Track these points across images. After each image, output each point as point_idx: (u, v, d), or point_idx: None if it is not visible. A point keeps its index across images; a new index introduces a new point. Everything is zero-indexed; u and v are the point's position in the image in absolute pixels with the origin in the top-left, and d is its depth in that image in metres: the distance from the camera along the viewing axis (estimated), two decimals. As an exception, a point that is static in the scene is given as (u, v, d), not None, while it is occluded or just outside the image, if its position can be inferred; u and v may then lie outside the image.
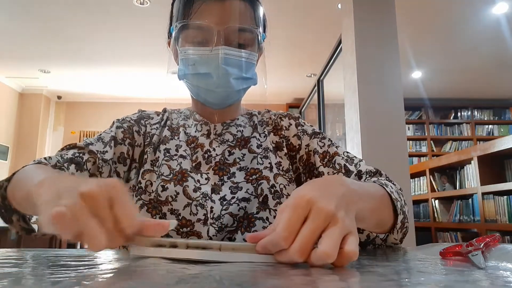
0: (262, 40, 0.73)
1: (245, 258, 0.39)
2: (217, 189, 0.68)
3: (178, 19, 0.69)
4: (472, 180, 2.93)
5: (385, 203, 0.55)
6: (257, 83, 0.73)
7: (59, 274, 0.32)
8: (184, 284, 0.28)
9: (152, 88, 5.97)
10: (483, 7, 3.62)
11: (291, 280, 0.32)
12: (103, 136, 0.73)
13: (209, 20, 0.66)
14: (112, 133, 0.73)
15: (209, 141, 0.74)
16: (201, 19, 0.67)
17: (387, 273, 0.35)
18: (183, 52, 0.69)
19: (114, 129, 0.74)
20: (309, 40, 4.31)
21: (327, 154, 0.73)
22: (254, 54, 0.71)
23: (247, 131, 0.77)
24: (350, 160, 0.71)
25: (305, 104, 5.13)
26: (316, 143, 0.74)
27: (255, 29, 0.70)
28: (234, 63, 0.67)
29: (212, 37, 0.66)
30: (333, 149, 0.73)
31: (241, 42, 0.69)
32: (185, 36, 0.69)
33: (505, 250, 0.47)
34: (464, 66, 4.96)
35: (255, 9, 0.71)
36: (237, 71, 0.68)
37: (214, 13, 0.66)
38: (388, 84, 2.35)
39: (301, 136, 0.76)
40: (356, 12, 2.44)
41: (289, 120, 0.80)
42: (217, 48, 0.66)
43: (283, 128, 0.78)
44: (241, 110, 0.82)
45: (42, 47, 4.60)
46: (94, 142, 0.71)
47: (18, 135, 6.03)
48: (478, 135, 6.14)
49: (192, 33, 0.68)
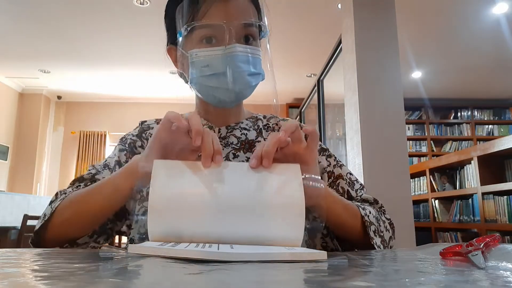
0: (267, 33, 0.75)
1: (245, 257, 0.39)
2: None
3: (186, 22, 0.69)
4: (472, 180, 2.93)
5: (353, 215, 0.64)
6: (264, 78, 0.74)
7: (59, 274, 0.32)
8: (184, 284, 0.28)
9: (152, 88, 5.98)
10: (483, 7, 3.62)
11: (291, 279, 0.32)
12: (108, 162, 0.76)
13: (218, 19, 0.67)
14: (116, 158, 0.76)
15: None
16: (210, 19, 0.68)
17: (387, 273, 0.35)
18: (194, 55, 0.69)
19: (117, 153, 0.77)
20: (309, 40, 4.32)
21: (332, 175, 0.77)
22: (259, 49, 0.72)
23: (251, 134, 0.78)
24: (351, 185, 0.77)
25: (305, 104, 5.13)
26: (325, 160, 0.78)
27: (261, 24, 0.72)
28: (246, 60, 0.68)
29: (224, 36, 0.67)
30: (337, 170, 0.78)
31: (247, 38, 0.70)
32: (192, 39, 0.70)
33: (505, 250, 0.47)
34: (464, 66, 4.96)
35: (256, 5, 0.73)
36: (250, 67, 0.69)
37: (221, 12, 0.67)
38: (388, 84, 2.35)
39: None
40: (356, 12, 2.44)
41: None
42: (230, 46, 0.67)
43: None
44: (245, 113, 0.83)
45: (42, 47, 4.60)
46: (101, 170, 0.74)
47: (18, 135, 6.04)
48: (478, 135, 6.15)
49: (201, 35, 0.69)
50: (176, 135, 0.53)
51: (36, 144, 6.05)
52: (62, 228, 0.63)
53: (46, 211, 0.64)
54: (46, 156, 6.36)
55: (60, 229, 0.63)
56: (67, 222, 0.63)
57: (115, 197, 0.60)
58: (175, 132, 0.53)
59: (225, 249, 0.42)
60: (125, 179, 0.58)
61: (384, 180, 2.19)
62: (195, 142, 0.50)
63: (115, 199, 0.60)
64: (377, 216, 0.67)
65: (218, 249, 0.41)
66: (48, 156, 6.39)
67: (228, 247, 0.44)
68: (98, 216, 0.63)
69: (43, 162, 6.29)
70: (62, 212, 0.63)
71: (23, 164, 5.97)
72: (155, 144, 0.55)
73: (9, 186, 5.81)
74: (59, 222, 0.63)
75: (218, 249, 0.41)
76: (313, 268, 0.37)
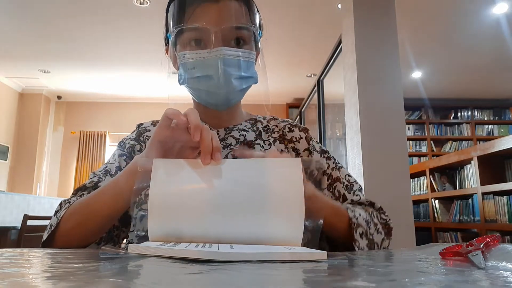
0: (259, 38, 0.73)
1: (245, 257, 0.39)
2: None
3: (174, 25, 0.69)
4: (472, 180, 2.93)
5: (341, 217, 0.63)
6: (257, 81, 0.73)
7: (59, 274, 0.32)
8: (184, 284, 0.28)
9: (152, 88, 5.97)
10: (483, 7, 3.62)
11: (291, 279, 0.32)
12: (109, 168, 0.75)
13: (205, 22, 0.66)
14: (116, 163, 0.75)
15: None
16: (197, 22, 0.67)
17: (387, 273, 0.35)
18: (182, 57, 0.69)
19: (117, 158, 0.76)
20: (309, 40, 4.32)
21: (329, 177, 0.76)
22: (252, 52, 0.71)
23: (250, 135, 0.77)
24: (350, 187, 0.75)
25: (305, 104, 5.13)
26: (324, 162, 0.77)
27: (251, 26, 0.70)
28: (234, 63, 0.67)
29: (210, 39, 0.66)
30: (336, 173, 0.76)
31: (238, 41, 0.69)
32: (183, 41, 0.69)
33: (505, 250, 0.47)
34: (464, 66, 4.96)
35: (249, 7, 0.72)
36: (238, 71, 0.68)
37: (209, 15, 0.67)
38: (388, 84, 2.35)
39: (312, 152, 0.78)
40: (356, 12, 2.44)
41: (300, 132, 0.81)
42: (215, 50, 0.66)
43: (292, 140, 0.79)
44: (243, 115, 0.82)
45: (42, 47, 4.60)
46: (102, 176, 0.73)
47: (18, 135, 6.04)
48: (478, 135, 6.14)
49: (189, 37, 0.68)
50: (176, 132, 0.53)
51: (36, 144, 6.05)
52: (68, 236, 0.63)
53: (52, 222, 0.64)
54: (46, 156, 6.36)
55: (67, 238, 0.63)
56: (73, 231, 0.63)
57: (118, 199, 0.59)
58: (174, 129, 0.53)
59: (225, 249, 0.42)
60: (127, 180, 0.58)
61: (384, 180, 2.19)
62: (194, 137, 0.50)
63: (118, 200, 0.59)
64: (368, 219, 0.66)
65: (218, 249, 0.41)
66: (48, 156, 6.39)
67: (228, 247, 0.44)
68: (103, 221, 0.62)
69: (43, 162, 6.29)
70: (67, 220, 0.63)
71: (23, 164, 5.97)
72: (155, 143, 0.55)
73: (9, 186, 5.81)
74: (66, 231, 0.62)
75: (218, 249, 0.41)
76: (313, 268, 0.37)
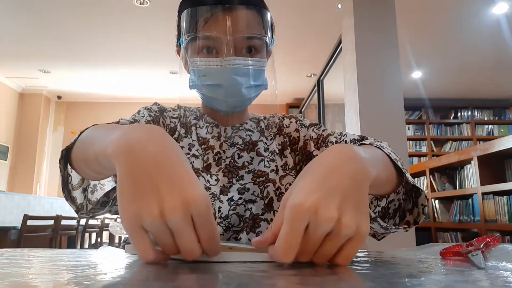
0: (270, 45, 0.74)
1: (246, 257, 0.39)
2: (226, 191, 0.70)
3: (187, 32, 0.69)
4: (472, 180, 2.93)
5: (387, 164, 0.53)
6: (267, 88, 0.74)
7: (59, 274, 0.32)
8: (184, 284, 0.28)
9: (152, 88, 5.98)
10: (483, 7, 3.62)
11: (292, 279, 0.32)
12: (138, 119, 0.71)
13: (218, 31, 0.66)
14: (146, 118, 0.72)
15: (219, 144, 0.76)
16: (210, 31, 0.67)
17: (387, 273, 0.35)
18: (194, 63, 0.69)
19: (147, 114, 0.73)
20: (309, 40, 4.32)
21: (320, 137, 0.74)
22: (263, 60, 0.71)
23: (255, 135, 0.79)
24: (343, 135, 0.72)
25: (305, 104, 5.13)
26: (312, 131, 0.77)
27: (264, 36, 0.70)
28: (245, 73, 0.68)
29: (222, 48, 0.66)
30: (327, 132, 0.75)
31: (250, 49, 0.69)
32: (195, 47, 0.70)
33: (505, 250, 0.47)
34: (464, 66, 4.96)
35: (262, 15, 0.71)
36: (248, 80, 0.68)
37: (222, 23, 0.66)
38: (388, 84, 2.35)
39: (300, 129, 0.79)
40: (356, 12, 2.44)
41: (290, 119, 0.82)
42: (227, 59, 0.66)
43: (284, 127, 0.81)
44: (248, 114, 0.84)
45: (42, 47, 4.60)
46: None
47: (18, 135, 6.04)
48: (478, 135, 6.14)
49: (202, 44, 0.68)
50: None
51: (36, 144, 6.05)
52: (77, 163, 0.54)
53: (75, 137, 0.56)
54: (46, 156, 6.36)
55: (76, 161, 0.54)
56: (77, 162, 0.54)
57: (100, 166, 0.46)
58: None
59: (225, 249, 0.42)
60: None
61: (384, 180, 2.18)
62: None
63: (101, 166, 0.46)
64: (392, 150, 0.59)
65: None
66: (48, 156, 6.39)
67: (228, 247, 0.44)
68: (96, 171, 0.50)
69: (43, 162, 6.29)
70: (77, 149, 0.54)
71: (23, 164, 5.97)
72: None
73: (9, 186, 5.81)
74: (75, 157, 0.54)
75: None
76: (313, 268, 0.37)
